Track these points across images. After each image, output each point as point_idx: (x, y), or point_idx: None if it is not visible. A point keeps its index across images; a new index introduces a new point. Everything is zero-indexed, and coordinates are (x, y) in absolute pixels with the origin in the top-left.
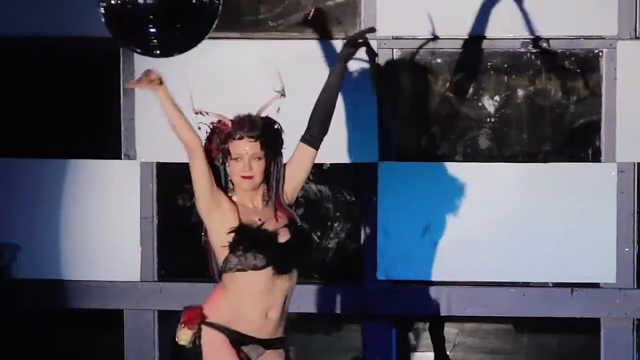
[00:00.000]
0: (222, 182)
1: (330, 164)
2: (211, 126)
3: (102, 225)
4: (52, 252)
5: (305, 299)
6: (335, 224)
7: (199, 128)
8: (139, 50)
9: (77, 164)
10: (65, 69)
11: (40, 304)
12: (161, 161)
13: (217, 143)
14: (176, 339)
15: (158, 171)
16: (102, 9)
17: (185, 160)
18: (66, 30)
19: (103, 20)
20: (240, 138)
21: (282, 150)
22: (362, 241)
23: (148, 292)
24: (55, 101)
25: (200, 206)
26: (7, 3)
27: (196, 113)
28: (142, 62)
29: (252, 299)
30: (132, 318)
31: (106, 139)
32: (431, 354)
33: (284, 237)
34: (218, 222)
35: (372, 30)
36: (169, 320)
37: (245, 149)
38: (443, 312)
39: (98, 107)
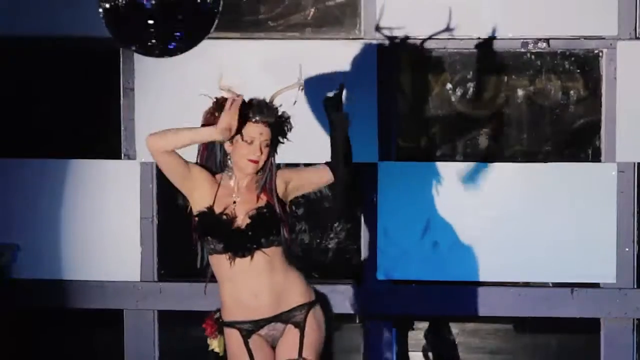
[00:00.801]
0: (216, 160)
1: None
2: (215, 100)
3: (102, 225)
4: (52, 252)
5: None
6: (335, 224)
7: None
8: (139, 50)
9: (77, 164)
10: (65, 69)
11: (40, 304)
12: None
13: None
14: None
15: (158, 171)
16: (102, 9)
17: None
18: (66, 31)
19: (103, 20)
20: (257, 122)
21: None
22: (362, 241)
23: (148, 292)
24: (55, 101)
25: (181, 189)
26: (7, 3)
27: (222, 90)
28: (142, 62)
29: (233, 282)
30: (132, 318)
31: (106, 139)
32: (431, 354)
33: (245, 221)
34: (196, 203)
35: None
36: (168, 320)
37: (259, 133)
38: (443, 312)
39: (98, 107)
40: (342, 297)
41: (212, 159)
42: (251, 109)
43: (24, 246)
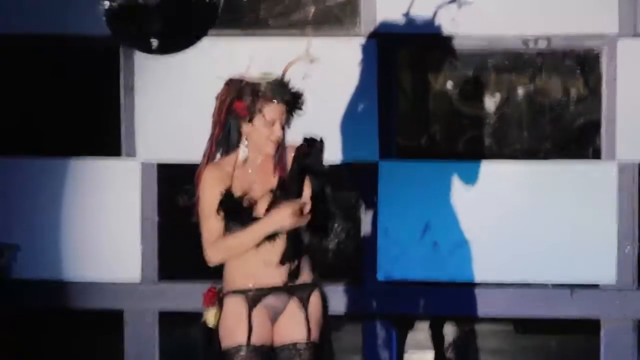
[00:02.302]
0: (231, 139)
1: (330, 163)
2: (242, 82)
3: (103, 225)
4: (52, 252)
5: None
6: (335, 224)
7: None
8: (139, 50)
9: (77, 164)
10: (65, 69)
11: (40, 304)
12: (162, 161)
13: (249, 103)
14: (205, 322)
15: (159, 171)
16: (102, 8)
17: (185, 161)
18: (66, 30)
19: (103, 19)
20: (277, 102)
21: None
22: (362, 241)
23: (148, 293)
24: (55, 101)
25: None
26: (7, 2)
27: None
28: (142, 62)
29: (250, 252)
30: (132, 318)
31: (106, 139)
32: (431, 354)
33: (263, 205)
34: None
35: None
36: (169, 321)
37: (280, 113)
38: (443, 312)
39: (98, 106)
40: (342, 297)
41: (225, 141)
42: (269, 89)
43: (24, 246)
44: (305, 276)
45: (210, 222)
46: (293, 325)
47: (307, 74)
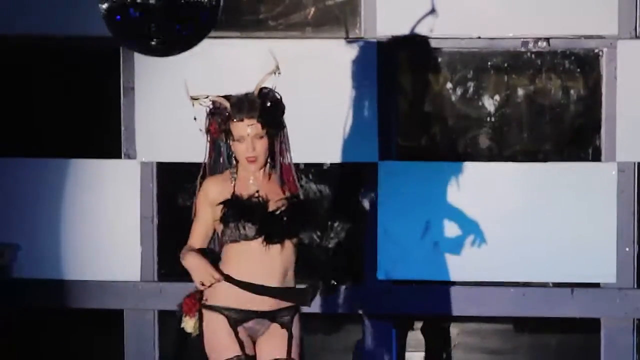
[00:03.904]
0: (224, 159)
1: (330, 164)
2: (211, 106)
3: (102, 225)
4: (52, 252)
5: None
6: (335, 224)
7: (194, 119)
8: (139, 50)
9: (77, 164)
10: (65, 69)
11: (40, 304)
12: (161, 161)
13: (218, 124)
14: (183, 329)
15: (158, 171)
16: (102, 8)
17: (185, 160)
18: (66, 30)
19: (103, 19)
20: (241, 120)
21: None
22: (362, 241)
23: (148, 292)
24: (55, 101)
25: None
26: (7, 2)
27: (192, 100)
28: (142, 62)
29: (247, 270)
30: (132, 318)
31: (106, 139)
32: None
33: (277, 207)
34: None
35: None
36: (169, 320)
37: (247, 130)
38: (443, 312)
39: (98, 107)
40: (342, 297)
41: (219, 159)
42: (232, 107)
43: (24, 246)
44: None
45: (194, 226)
46: (275, 344)
47: (308, 75)
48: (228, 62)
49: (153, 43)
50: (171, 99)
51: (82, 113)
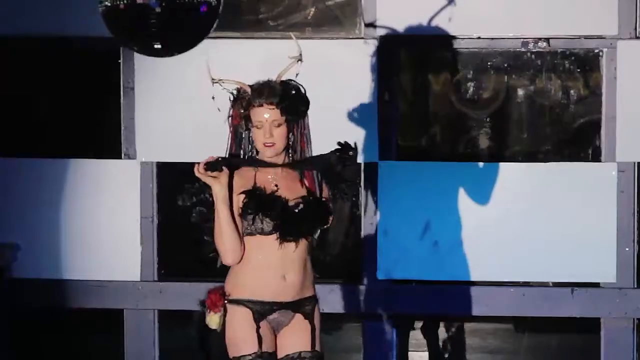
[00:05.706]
0: (245, 148)
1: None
2: (234, 93)
3: (102, 225)
4: (52, 252)
5: None
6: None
7: (213, 98)
8: (139, 50)
9: (77, 164)
10: (65, 69)
11: (40, 304)
12: (161, 161)
13: (239, 110)
14: (207, 325)
15: (158, 171)
16: (102, 8)
17: (185, 160)
18: (66, 30)
19: (103, 20)
20: (260, 105)
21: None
22: (362, 241)
23: (148, 292)
24: (55, 101)
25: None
26: (8, 3)
27: (213, 82)
28: (142, 62)
29: (266, 263)
30: (132, 318)
31: (106, 139)
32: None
33: (295, 204)
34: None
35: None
36: (169, 320)
37: (265, 116)
38: (443, 312)
39: (98, 106)
40: (342, 297)
41: (240, 148)
42: (253, 93)
43: (24, 246)
44: (310, 290)
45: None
46: (298, 336)
47: (308, 75)
48: (228, 62)
49: (154, 45)
50: (171, 99)
51: (82, 113)
